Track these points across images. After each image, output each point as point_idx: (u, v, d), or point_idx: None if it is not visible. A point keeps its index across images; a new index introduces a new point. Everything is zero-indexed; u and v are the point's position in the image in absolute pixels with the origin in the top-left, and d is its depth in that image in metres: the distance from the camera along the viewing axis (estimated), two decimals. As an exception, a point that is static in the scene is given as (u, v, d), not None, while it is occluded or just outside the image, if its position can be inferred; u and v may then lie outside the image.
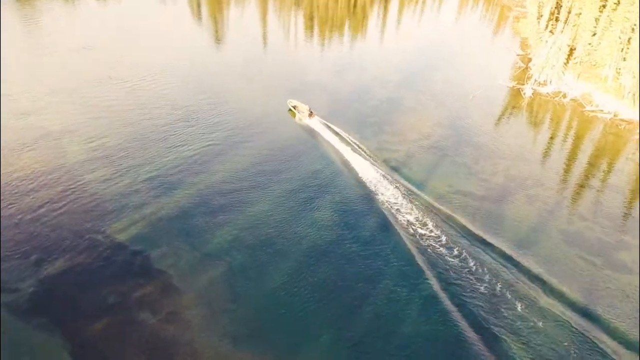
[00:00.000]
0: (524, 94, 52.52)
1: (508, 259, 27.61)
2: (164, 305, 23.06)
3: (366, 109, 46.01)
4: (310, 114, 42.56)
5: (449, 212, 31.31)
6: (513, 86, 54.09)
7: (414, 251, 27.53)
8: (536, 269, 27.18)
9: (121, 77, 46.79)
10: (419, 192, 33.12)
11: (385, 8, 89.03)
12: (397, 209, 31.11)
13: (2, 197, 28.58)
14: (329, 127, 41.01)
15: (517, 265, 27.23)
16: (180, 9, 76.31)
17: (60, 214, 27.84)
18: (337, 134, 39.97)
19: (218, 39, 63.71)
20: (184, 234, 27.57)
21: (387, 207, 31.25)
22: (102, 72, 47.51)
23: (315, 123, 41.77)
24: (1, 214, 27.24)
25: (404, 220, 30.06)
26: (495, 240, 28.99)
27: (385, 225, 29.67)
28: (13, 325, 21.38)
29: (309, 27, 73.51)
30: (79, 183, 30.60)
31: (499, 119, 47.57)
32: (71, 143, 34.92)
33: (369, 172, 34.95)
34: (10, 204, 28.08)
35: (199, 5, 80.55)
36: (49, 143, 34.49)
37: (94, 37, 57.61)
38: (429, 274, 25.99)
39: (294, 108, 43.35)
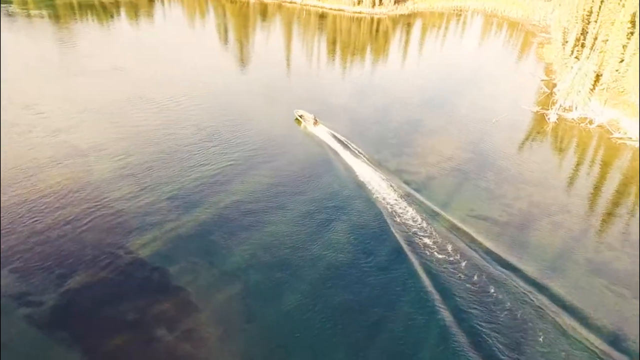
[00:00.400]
0: (549, 119, 51.75)
1: (532, 287, 26.73)
2: (181, 322, 23.18)
3: (386, 131, 46.15)
4: (315, 122, 45.10)
5: (470, 236, 30.73)
6: (537, 111, 53.42)
7: (432, 276, 26.99)
8: (561, 298, 26.19)
9: (149, 96, 48.62)
10: (438, 215, 32.71)
11: (408, 32, 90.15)
12: (416, 232, 30.71)
13: (33, 213, 29.62)
14: (336, 138, 42.24)
15: (541, 293, 26.31)
16: (209, 34, 79.27)
17: (85, 230, 28.61)
18: (350, 148, 40.25)
19: (243, 61, 65.54)
20: (202, 251, 27.87)
21: (405, 229, 30.89)
22: (132, 91, 49.48)
23: (320, 131, 44.09)
24: (27, 229, 28.18)
25: (423, 244, 29.60)
26: (518, 267, 28.18)
27: (402, 249, 29.26)
28: (33, 338, 21.81)
29: (331, 51, 74.93)
30: (104, 199, 31.50)
31: (523, 143, 46.85)
32: (99, 160, 36.16)
33: (387, 194, 34.76)
34: (39, 219, 29.05)
35: (225, 30, 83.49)
36: (78, 160, 35.80)
37: (125, 59, 60.27)
38: (447, 300, 25.37)
39: (301, 117, 45.83)
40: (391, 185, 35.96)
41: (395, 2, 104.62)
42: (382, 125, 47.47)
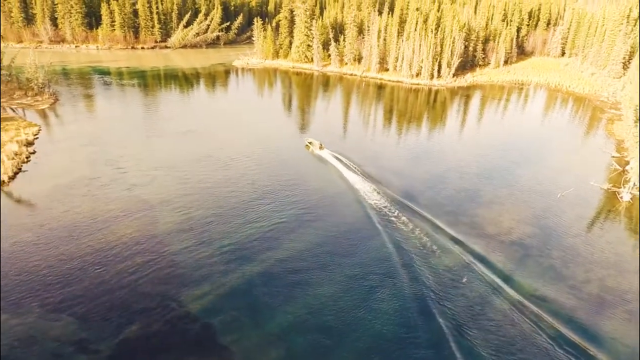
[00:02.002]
0: (621, 198, 48.23)
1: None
2: (222, 383, 23.07)
3: (441, 198, 45.44)
4: (321, 147, 55.25)
5: (532, 319, 28.35)
6: (608, 189, 50.13)
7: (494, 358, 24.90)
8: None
9: (216, 156, 52.72)
10: (498, 293, 30.74)
11: (466, 103, 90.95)
12: (474, 311, 28.92)
13: (101, 262, 32.11)
14: (382, 201, 42.81)
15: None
16: (275, 101, 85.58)
17: (145, 281, 30.31)
18: (397, 214, 39.76)
19: (303, 126, 69.27)
20: (249, 309, 28.19)
21: (461, 307, 29.23)
22: (201, 151, 53.92)
23: (326, 154, 53.93)
24: (94, 277, 30.40)
25: (479, 325, 27.69)
26: (592, 356, 25.30)
27: (457, 328, 27.53)
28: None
29: (388, 118, 77.17)
30: (165, 252, 33.49)
31: (592, 222, 43.70)
32: (164, 214, 38.95)
33: (439, 265, 33.52)
34: (106, 269, 31.33)
35: (290, 98, 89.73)
36: (147, 213, 38.81)
37: (199, 123, 66.43)
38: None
39: (310, 144, 55.80)
40: (445, 254, 34.73)
41: (454, 75, 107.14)
42: (437, 191, 46.90)
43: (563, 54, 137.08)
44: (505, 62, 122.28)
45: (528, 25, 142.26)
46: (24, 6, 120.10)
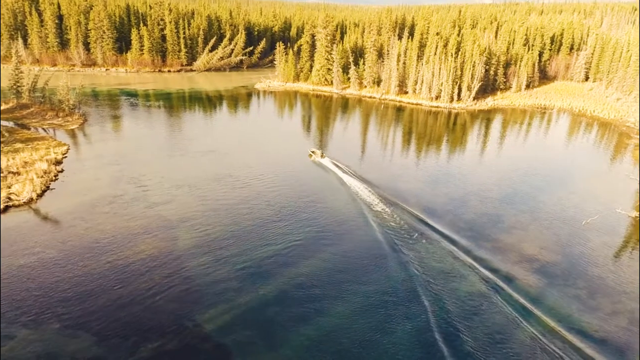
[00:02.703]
0: (651, 224, 46.36)
1: None
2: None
3: (461, 222, 44.59)
4: (322, 155, 61.57)
5: (557, 351, 27.13)
6: (636, 216, 48.34)
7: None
8: None
9: (235, 175, 53.65)
10: (520, 322, 29.63)
11: (487, 126, 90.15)
12: (494, 339, 27.88)
13: (119, 279, 32.57)
14: (399, 224, 42.44)
15: None
16: (294, 122, 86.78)
17: (161, 298, 30.51)
18: (416, 237, 39.05)
19: (322, 147, 69.66)
20: (263, 330, 27.94)
21: (481, 334, 28.25)
22: (221, 171, 54.94)
23: (326, 161, 59.68)
24: (112, 294, 30.80)
25: (501, 356, 26.64)
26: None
27: (476, 357, 26.54)
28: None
29: (407, 140, 77.04)
30: (182, 270, 33.77)
31: (619, 251, 42.02)
32: (183, 232, 39.46)
33: (458, 291, 32.62)
34: (123, 285, 31.72)
35: (309, 120, 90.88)
36: (166, 231, 39.40)
37: (220, 142, 67.87)
38: None
39: (313, 153, 62.28)
40: (464, 280, 33.83)
41: (474, 98, 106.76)
42: (457, 215, 46.11)
43: (587, 78, 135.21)
44: (527, 86, 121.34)
45: (550, 49, 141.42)
46: (59, 32, 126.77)
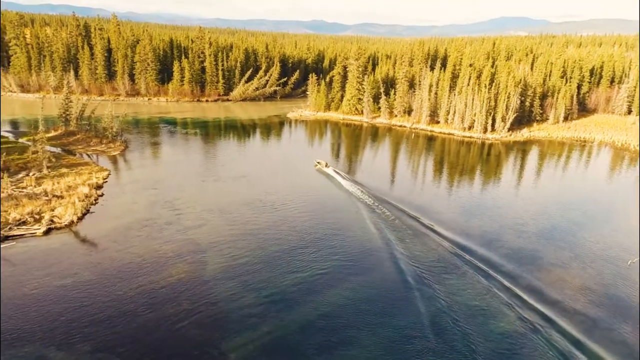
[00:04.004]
0: None
1: None
2: None
3: (497, 257, 42.79)
4: (326, 165, 69.94)
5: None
6: (688, 255, 44.88)
7: None
8: None
9: (266, 200, 54.57)
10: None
11: (523, 158, 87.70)
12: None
13: (149, 303, 33.09)
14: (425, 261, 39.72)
15: None
16: (324, 150, 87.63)
17: (188, 325, 30.62)
18: (447, 271, 37.59)
19: (350, 173, 69.63)
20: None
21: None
22: (252, 196, 56.05)
23: (330, 171, 67.76)
24: (141, 319, 31.25)
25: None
26: None
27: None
28: None
29: (438, 170, 75.85)
30: (210, 296, 33.96)
31: (671, 293, 38.94)
32: (212, 257, 39.96)
33: (493, 331, 30.94)
34: (153, 310, 32.08)
35: (338, 148, 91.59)
36: (196, 257, 40.00)
37: (252, 168, 69.51)
38: None
39: (318, 163, 70.64)
40: (500, 318, 32.12)
41: (509, 129, 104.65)
42: (492, 249, 44.33)
43: (629, 112, 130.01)
44: (566, 119, 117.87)
45: (590, 82, 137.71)
46: (107, 64, 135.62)
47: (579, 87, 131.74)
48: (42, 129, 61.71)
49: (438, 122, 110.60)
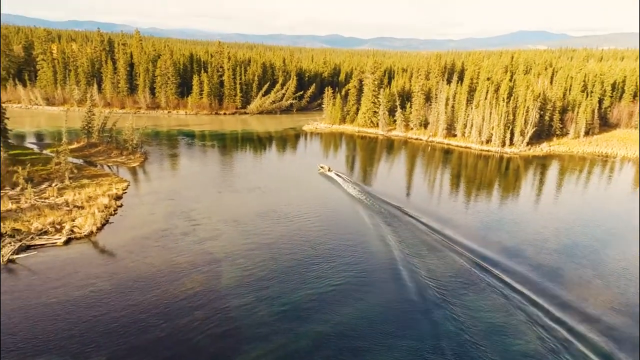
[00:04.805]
0: None
1: None
2: None
3: (516, 274, 41.67)
4: (329, 169, 74.66)
5: None
6: None
7: None
8: None
9: (280, 211, 54.86)
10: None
11: (543, 173, 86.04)
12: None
13: (164, 315, 33.25)
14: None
15: None
16: (338, 162, 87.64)
17: (204, 336, 30.62)
18: (465, 287, 36.71)
19: (365, 184, 69.35)
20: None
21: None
22: (266, 207, 56.30)
23: (332, 174, 72.33)
24: (156, 331, 31.38)
25: None
26: None
27: None
28: None
29: (455, 184, 74.87)
30: (223, 308, 33.94)
31: (702, 314, 37.21)
32: (227, 268, 40.07)
33: (510, 349, 30.00)
34: (168, 322, 32.19)
35: (353, 160, 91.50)
36: (212, 268, 40.18)
37: (267, 180, 69.87)
38: None
39: (322, 167, 75.50)
40: (521, 337, 31.16)
41: (528, 144, 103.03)
42: (511, 265, 43.14)
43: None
44: (587, 133, 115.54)
45: (612, 97, 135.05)
46: (129, 78, 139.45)
47: (600, 101, 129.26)
48: (65, 140, 63.46)
49: (455, 136, 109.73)
